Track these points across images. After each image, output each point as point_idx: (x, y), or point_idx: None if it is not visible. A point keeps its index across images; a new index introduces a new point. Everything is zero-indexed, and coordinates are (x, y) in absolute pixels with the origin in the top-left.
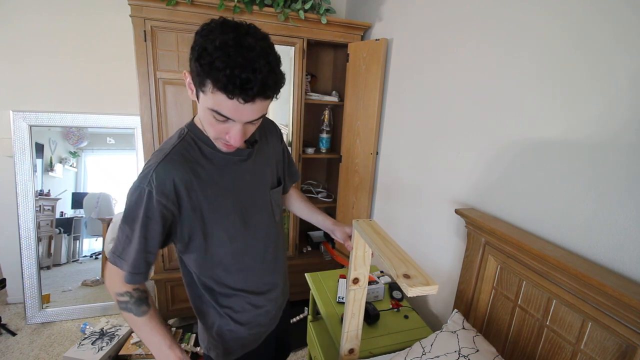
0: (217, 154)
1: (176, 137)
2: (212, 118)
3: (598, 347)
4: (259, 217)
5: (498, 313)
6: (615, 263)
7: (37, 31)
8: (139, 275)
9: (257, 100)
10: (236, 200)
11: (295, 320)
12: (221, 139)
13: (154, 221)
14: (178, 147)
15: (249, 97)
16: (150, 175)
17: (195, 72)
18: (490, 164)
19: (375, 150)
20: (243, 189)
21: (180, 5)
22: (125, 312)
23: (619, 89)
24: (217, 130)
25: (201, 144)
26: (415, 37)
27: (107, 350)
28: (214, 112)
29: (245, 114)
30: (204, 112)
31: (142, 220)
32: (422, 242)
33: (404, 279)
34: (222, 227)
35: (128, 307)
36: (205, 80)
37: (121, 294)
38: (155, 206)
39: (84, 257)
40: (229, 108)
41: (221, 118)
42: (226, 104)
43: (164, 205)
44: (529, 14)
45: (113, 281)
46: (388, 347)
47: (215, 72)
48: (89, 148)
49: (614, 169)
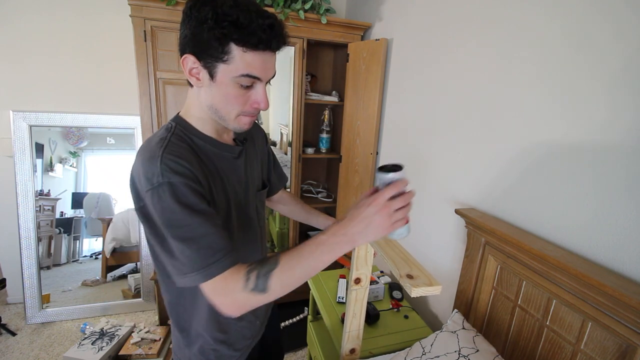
0: (210, 148)
1: (164, 130)
2: (237, 89)
3: (598, 347)
4: (246, 220)
5: (498, 313)
6: (615, 263)
7: (37, 31)
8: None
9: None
10: (231, 198)
11: (294, 320)
12: (245, 111)
13: (191, 202)
14: (173, 140)
15: (279, 41)
16: (159, 168)
17: (212, 45)
18: (490, 164)
19: (375, 150)
20: (236, 188)
21: (180, 5)
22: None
23: (619, 90)
24: (242, 102)
25: (193, 137)
26: (415, 37)
27: (107, 350)
28: (242, 77)
29: (270, 68)
30: (225, 88)
31: (178, 210)
32: (422, 242)
33: (407, 279)
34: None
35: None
36: (229, 46)
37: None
38: (185, 191)
39: (84, 257)
40: (259, 64)
41: (248, 81)
42: (255, 61)
43: (192, 188)
44: (529, 14)
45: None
46: (388, 347)
47: (242, 31)
48: (89, 148)
49: (614, 169)
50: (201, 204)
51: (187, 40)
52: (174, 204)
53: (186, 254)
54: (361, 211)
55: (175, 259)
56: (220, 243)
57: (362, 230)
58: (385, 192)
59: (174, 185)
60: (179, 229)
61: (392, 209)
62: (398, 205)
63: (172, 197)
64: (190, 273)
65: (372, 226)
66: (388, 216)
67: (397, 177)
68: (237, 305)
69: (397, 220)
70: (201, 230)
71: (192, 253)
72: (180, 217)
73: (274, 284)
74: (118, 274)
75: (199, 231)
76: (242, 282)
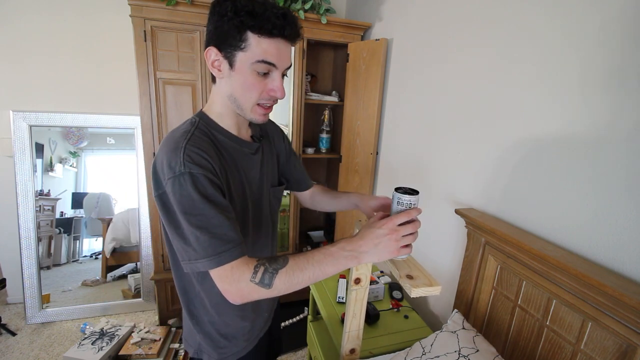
0: (230, 143)
1: (188, 124)
2: (254, 76)
3: (598, 347)
4: (260, 215)
5: (498, 313)
6: (615, 263)
7: (37, 31)
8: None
9: (292, 44)
10: (247, 193)
11: (294, 320)
12: (262, 100)
13: (210, 194)
14: (196, 133)
15: (292, 29)
16: (182, 158)
17: (231, 34)
18: (491, 164)
19: (375, 150)
20: (252, 183)
21: (180, 5)
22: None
23: (619, 90)
24: (259, 89)
25: (215, 132)
26: (415, 37)
27: (107, 350)
28: (258, 63)
29: (285, 57)
30: (243, 76)
31: (197, 199)
32: (422, 242)
33: (407, 279)
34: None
35: (272, 270)
36: (246, 34)
37: (254, 274)
38: (204, 182)
39: (84, 257)
40: (274, 51)
41: (264, 68)
42: (270, 47)
43: (211, 180)
44: (529, 14)
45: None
46: (388, 347)
47: (257, 18)
48: (89, 148)
49: (614, 169)
50: (218, 196)
51: (211, 34)
52: (193, 193)
53: (200, 240)
54: (372, 232)
55: (188, 245)
56: (231, 234)
57: (370, 250)
58: (398, 218)
59: (194, 176)
60: (195, 217)
61: (401, 234)
62: (407, 232)
63: (192, 186)
64: (201, 259)
65: (379, 247)
66: (396, 241)
67: (413, 200)
68: (241, 294)
69: (404, 246)
70: (215, 221)
71: (205, 240)
72: (197, 206)
73: (278, 282)
74: (118, 274)
75: (213, 221)
76: (249, 274)
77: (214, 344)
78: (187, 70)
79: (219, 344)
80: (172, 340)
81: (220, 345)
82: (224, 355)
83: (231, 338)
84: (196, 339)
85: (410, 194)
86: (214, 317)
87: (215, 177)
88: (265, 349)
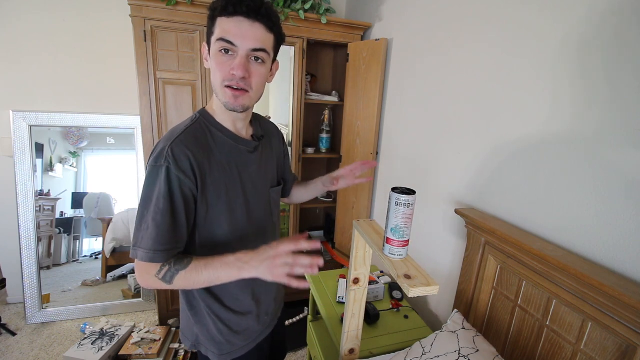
0: (227, 140)
1: (189, 121)
2: (219, 57)
3: (598, 347)
4: (260, 213)
5: (498, 313)
6: (615, 263)
7: (37, 31)
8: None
9: (255, 22)
10: (242, 191)
11: (294, 320)
12: (227, 81)
13: (175, 195)
14: (191, 128)
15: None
16: (166, 151)
17: (209, 26)
18: (491, 164)
19: (375, 150)
20: (248, 182)
21: (180, 5)
22: (177, 280)
23: (620, 89)
24: (224, 70)
25: (213, 129)
26: (415, 37)
27: (107, 350)
28: (218, 41)
29: (247, 35)
30: (213, 58)
31: (163, 194)
32: (422, 242)
33: (404, 279)
34: (226, 217)
35: (174, 270)
36: (213, 20)
37: (159, 271)
38: (174, 182)
39: (84, 257)
40: (232, 29)
41: (224, 46)
42: (229, 26)
43: (182, 181)
44: (529, 13)
45: (145, 274)
46: (388, 347)
47: (218, 3)
48: (89, 148)
49: (614, 169)
50: (179, 201)
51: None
52: (155, 187)
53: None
54: (265, 250)
55: (135, 230)
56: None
57: (258, 266)
58: (286, 245)
59: (169, 172)
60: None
61: (279, 262)
62: (285, 261)
63: (160, 180)
64: (134, 246)
65: (262, 267)
66: (275, 266)
67: (410, 199)
68: (147, 285)
69: (277, 274)
70: (161, 219)
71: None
72: (151, 200)
73: (177, 281)
74: (118, 274)
75: (159, 218)
76: (156, 270)
77: (210, 337)
78: (187, 70)
79: (216, 338)
80: (172, 340)
81: (217, 340)
82: (223, 352)
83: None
84: (193, 330)
85: (407, 193)
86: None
87: (188, 179)
88: (267, 352)
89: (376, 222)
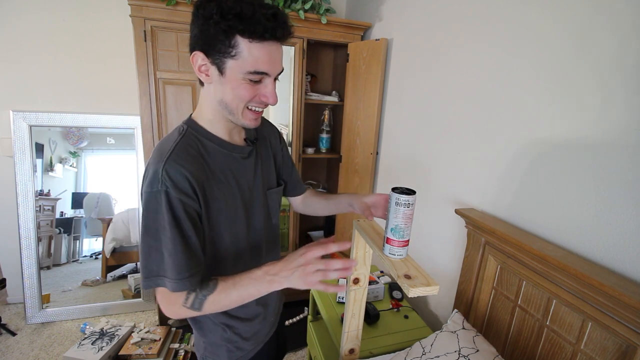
0: (220, 150)
1: (176, 134)
2: (245, 83)
3: (598, 347)
4: (259, 219)
5: (498, 313)
6: (615, 263)
7: (37, 31)
8: (187, 280)
9: (282, 43)
10: (241, 201)
11: (294, 320)
12: (253, 105)
13: (181, 220)
14: (181, 143)
15: (284, 29)
16: (161, 174)
17: (219, 39)
18: (491, 164)
19: (375, 150)
20: (245, 190)
21: (180, 5)
22: (207, 304)
23: (620, 90)
24: (250, 95)
25: (203, 139)
26: (415, 37)
27: (107, 350)
28: (251, 74)
29: (278, 61)
30: (234, 83)
31: (168, 222)
32: (422, 242)
33: (404, 279)
34: (228, 231)
35: (202, 296)
36: (235, 39)
37: (185, 300)
38: (177, 206)
39: (84, 257)
40: (265, 57)
41: (257, 77)
42: (262, 54)
43: (185, 203)
44: (529, 13)
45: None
46: (388, 347)
47: (247, 21)
48: (89, 148)
49: (614, 169)
50: (187, 225)
51: (197, 38)
52: (159, 215)
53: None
54: (294, 259)
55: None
56: (186, 265)
57: (289, 276)
58: (315, 251)
59: (169, 196)
60: (154, 238)
61: (311, 269)
62: (318, 267)
63: (163, 207)
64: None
65: (293, 277)
66: (307, 274)
67: (410, 200)
68: (176, 315)
69: (311, 282)
70: (172, 246)
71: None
72: (159, 230)
73: (207, 306)
74: (118, 274)
75: (170, 246)
76: (182, 299)
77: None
78: (187, 70)
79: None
80: (172, 340)
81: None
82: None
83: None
84: (200, 343)
85: (407, 193)
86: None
87: (191, 199)
88: (274, 349)
89: (376, 222)
